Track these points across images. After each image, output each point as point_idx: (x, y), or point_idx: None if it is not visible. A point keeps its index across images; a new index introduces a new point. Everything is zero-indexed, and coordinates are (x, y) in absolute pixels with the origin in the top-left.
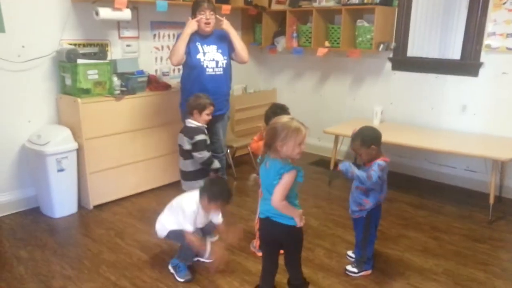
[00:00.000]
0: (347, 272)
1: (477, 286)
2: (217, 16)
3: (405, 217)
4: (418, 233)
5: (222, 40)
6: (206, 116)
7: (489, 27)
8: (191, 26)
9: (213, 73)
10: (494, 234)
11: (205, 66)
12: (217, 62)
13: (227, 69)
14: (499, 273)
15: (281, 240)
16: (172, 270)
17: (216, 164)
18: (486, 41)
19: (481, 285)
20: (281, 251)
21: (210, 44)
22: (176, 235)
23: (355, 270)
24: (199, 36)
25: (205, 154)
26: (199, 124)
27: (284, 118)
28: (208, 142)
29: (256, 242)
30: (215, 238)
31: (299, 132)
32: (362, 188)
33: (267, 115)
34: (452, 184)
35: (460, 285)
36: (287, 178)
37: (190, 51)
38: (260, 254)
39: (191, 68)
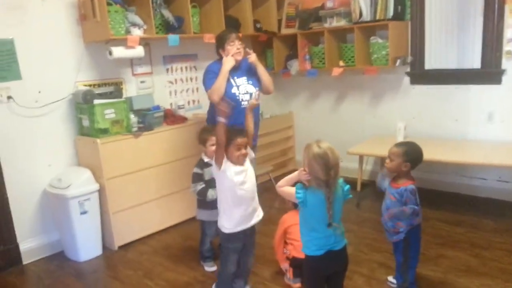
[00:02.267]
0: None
1: None
2: (247, 49)
3: (441, 236)
4: (458, 251)
5: (250, 71)
6: (210, 147)
7: (508, 33)
8: (229, 62)
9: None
10: None
11: (240, 99)
12: (250, 95)
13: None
14: None
15: (342, 267)
16: None
17: (212, 195)
18: (506, 47)
19: None
20: None
21: (240, 76)
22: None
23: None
24: None
25: (196, 188)
26: (206, 159)
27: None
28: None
29: (289, 273)
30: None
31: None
32: (390, 214)
33: None
34: (486, 196)
35: None
36: None
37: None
38: (296, 285)
39: None
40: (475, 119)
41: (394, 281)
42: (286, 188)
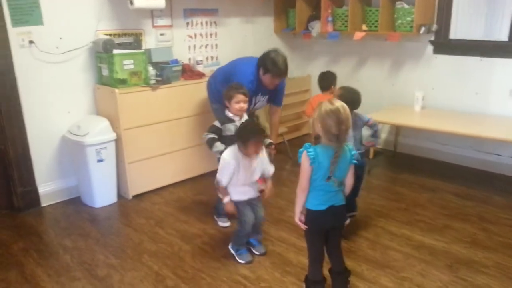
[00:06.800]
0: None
1: None
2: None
3: (450, 207)
4: (465, 224)
5: (278, 89)
6: (235, 104)
7: None
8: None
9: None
10: None
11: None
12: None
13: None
14: None
15: (340, 222)
16: (232, 251)
17: (217, 147)
18: None
19: None
20: None
21: (265, 95)
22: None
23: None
24: (263, 86)
25: (207, 136)
26: (230, 115)
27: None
28: (225, 132)
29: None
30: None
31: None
32: None
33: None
34: (499, 172)
35: None
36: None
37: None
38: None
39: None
40: (496, 94)
41: None
42: (300, 176)
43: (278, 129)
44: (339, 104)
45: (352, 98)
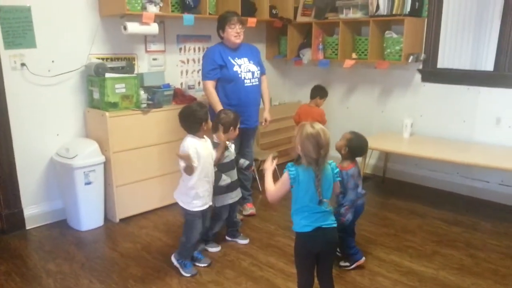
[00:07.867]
0: (341, 267)
1: None
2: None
3: (438, 234)
4: (453, 250)
5: (252, 52)
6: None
7: None
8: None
9: (250, 84)
10: None
11: (242, 78)
12: (252, 73)
13: (260, 79)
14: None
15: (331, 246)
16: (176, 264)
17: (224, 180)
18: None
19: None
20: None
21: (241, 57)
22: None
23: (347, 264)
24: (229, 49)
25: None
26: (215, 139)
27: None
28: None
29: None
30: (246, 241)
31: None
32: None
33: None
34: (486, 199)
35: None
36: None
37: (226, 64)
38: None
39: (227, 81)
40: (483, 122)
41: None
42: (277, 184)
43: (269, 96)
44: (319, 127)
45: (360, 143)
